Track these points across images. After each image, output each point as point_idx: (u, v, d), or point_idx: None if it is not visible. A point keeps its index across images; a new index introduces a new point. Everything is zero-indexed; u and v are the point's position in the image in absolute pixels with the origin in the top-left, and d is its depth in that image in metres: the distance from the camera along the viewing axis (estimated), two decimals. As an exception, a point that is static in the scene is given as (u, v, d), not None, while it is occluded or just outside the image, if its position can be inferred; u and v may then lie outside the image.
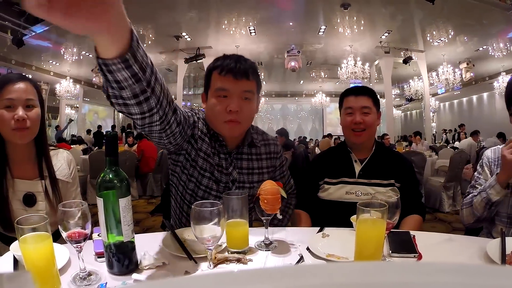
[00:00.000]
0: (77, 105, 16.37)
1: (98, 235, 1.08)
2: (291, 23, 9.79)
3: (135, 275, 0.95)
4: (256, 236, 1.21)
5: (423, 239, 1.18)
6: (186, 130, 1.29)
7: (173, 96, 0.90)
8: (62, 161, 1.51)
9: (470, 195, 1.49)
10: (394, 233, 1.17)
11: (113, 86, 0.85)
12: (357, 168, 1.68)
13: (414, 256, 1.07)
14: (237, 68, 1.30)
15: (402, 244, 1.12)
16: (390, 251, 1.09)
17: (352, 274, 0.16)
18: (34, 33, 9.28)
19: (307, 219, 1.68)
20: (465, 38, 10.46)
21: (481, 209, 1.40)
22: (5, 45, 9.71)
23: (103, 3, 0.59)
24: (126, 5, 0.65)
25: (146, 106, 0.94)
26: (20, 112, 1.29)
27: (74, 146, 8.60)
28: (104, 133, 7.77)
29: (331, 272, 0.17)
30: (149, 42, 10.74)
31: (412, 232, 1.21)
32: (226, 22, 9.58)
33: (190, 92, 18.02)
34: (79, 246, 0.91)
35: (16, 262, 0.97)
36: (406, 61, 11.47)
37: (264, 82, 16.15)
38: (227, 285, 0.16)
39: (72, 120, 14.78)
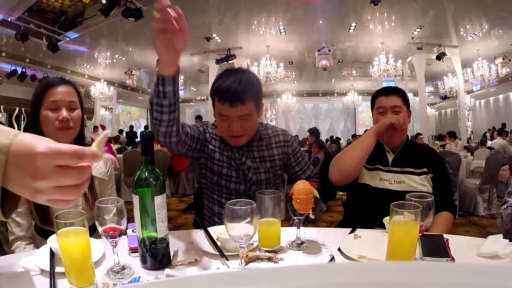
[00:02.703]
0: (111, 106, 16.86)
1: (132, 231, 1.12)
2: (321, 21, 9.66)
3: (167, 270, 0.98)
4: (288, 235, 1.21)
5: (457, 243, 1.14)
6: (199, 141, 1.54)
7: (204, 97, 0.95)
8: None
9: (505, 204, 1.41)
10: (427, 236, 1.14)
11: (159, 96, 1.23)
12: (390, 157, 1.75)
13: (447, 260, 1.04)
14: (232, 96, 1.42)
15: (435, 248, 1.10)
16: (422, 255, 1.06)
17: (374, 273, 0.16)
18: (68, 39, 9.62)
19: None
20: (500, 31, 9.95)
21: (508, 223, 1.33)
22: (41, 51, 10.09)
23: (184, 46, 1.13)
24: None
25: (172, 115, 1.28)
26: (64, 113, 1.37)
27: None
28: (140, 133, 7.99)
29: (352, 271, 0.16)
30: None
31: (445, 236, 1.18)
32: (255, 22, 9.60)
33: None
34: (114, 241, 0.95)
35: (52, 254, 1.02)
36: (440, 57, 11.02)
37: (295, 82, 16.06)
38: (227, 285, 0.16)
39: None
